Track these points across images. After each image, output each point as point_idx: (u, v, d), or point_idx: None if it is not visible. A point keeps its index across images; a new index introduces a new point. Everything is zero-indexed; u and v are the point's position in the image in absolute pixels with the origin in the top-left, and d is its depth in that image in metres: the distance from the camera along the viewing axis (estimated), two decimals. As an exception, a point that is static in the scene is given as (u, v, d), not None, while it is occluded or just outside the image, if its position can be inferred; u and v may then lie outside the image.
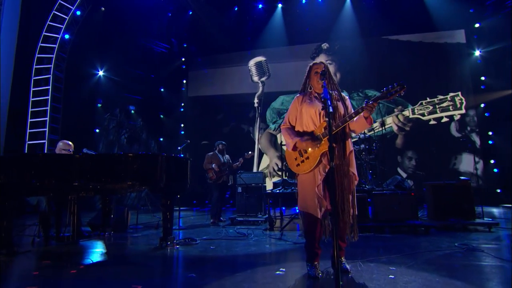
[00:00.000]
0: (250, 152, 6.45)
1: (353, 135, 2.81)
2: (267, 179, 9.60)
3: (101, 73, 9.48)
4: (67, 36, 8.99)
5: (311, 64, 2.80)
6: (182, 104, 10.93)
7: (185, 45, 11.19)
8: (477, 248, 3.33)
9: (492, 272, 2.58)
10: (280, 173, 9.91)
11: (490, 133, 9.16)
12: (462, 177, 5.03)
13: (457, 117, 8.91)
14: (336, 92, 2.70)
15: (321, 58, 10.33)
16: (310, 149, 2.54)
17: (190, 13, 10.91)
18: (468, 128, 8.94)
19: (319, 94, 2.70)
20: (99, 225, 4.69)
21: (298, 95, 2.80)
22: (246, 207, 6.20)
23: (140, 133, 10.23)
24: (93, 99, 9.30)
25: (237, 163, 6.43)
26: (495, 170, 8.99)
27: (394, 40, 9.75)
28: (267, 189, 6.55)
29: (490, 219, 4.97)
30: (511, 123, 8.85)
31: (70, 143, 4.55)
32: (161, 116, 10.74)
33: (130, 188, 3.88)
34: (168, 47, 10.67)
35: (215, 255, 3.38)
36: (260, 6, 10.60)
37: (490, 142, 9.16)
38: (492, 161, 9.07)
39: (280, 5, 10.49)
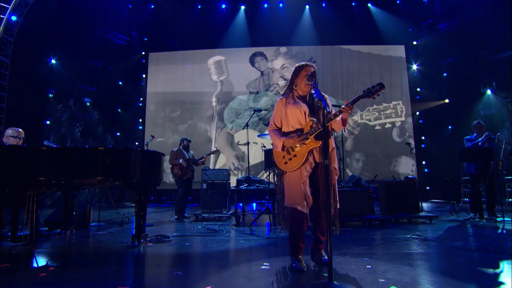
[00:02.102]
0: (214, 149, 6.31)
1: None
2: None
3: (53, 61, 8.55)
4: (14, 18, 7.96)
5: (300, 64, 2.76)
6: (141, 99, 10.32)
7: (145, 39, 10.59)
8: (428, 238, 3.64)
9: (449, 257, 2.83)
10: (236, 172, 9.85)
11: (423, 137, 10.13)
12: (410, 176, 5.46)
13: (398, 124, 9.68)
14: None
15: (280, 61, 10.51)
16: (297, 146, 2.54)
17: (152, 7, 10.37)
18: (407, 134, 9.75)
19: (302, 95, 2.72)
20: (59, 223, 4.23)
21: (281, 97, 2.78)
22: (211, 204, 6.07)
23: (96, 127, 9.43)
24: (44, 89, 8.33)
25: (202, 159, 6.26)
26: (426, 170, 9.96)
27: (347, 49, 10.27)
28: (231, 186, 6.48)
29: (428, 213, 5.48)
30: (440, 130, 9.91)
31: (20, 130, 4.09)
32: (119, 110, 10.03)
33: (100, 184, 3.55)
34: (128, 40, 10.00)
35: (194, 252, 3.23)
36: (224, 6, 10.45)
37: (423, 145, 10.12)
38: (424, 162, 10.03)
39: (243, 7, 10.44)
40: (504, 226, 4.43)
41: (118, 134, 9.90)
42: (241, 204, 6.49)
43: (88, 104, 9.27)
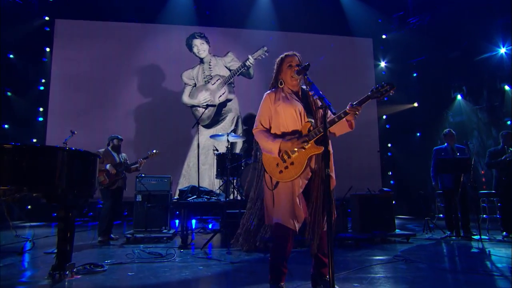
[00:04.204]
0: (155, 151, 6.08)
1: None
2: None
3: None
4: None
5: (282, 56, 2.89)
6: (43, 81, 9.45)
7: (50, 0, 9.74)
8: (413, 260, 4.02)
9: (443, 281, 3.17)
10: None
11: (389, 145, 11.03)
12: (384, 189, 5.93)
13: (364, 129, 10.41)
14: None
15: (226, 47, 10.48)
16: (295, 152, 2.59)
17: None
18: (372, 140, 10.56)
19: (293, 90, 2.83)
20: None
21: (268, 92, 2.84)
22: (147, 221, 5.85)
23: (-28, 115, 8.38)
24: None
25: (137, 164, 5.99)
26: (392, 182, 10.84)
27: (309, 38, 10.69)
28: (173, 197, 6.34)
29: (400, 231, 5.97)
30: (407, 137, 10.88)
31: None
32: (8, 93, 9.03)
33: (6, 195, 3.19)
34: (24, -2, 9.11)
35: (144, 283, 3.08)
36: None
37: (389, 154, 11.02)
38: (389, 173, 10.91)
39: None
40: (484, 246, 5.05)
41: (6, 126, 8.91)
42: (176, 221, 6.35)
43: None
